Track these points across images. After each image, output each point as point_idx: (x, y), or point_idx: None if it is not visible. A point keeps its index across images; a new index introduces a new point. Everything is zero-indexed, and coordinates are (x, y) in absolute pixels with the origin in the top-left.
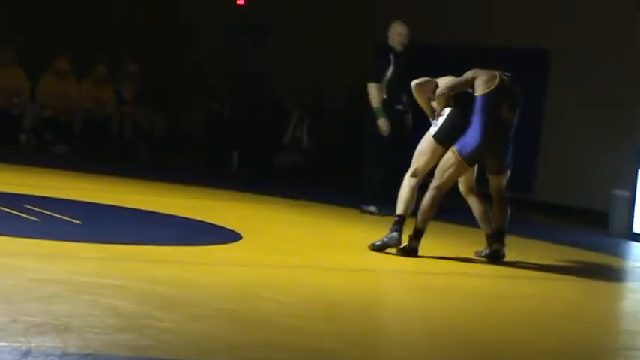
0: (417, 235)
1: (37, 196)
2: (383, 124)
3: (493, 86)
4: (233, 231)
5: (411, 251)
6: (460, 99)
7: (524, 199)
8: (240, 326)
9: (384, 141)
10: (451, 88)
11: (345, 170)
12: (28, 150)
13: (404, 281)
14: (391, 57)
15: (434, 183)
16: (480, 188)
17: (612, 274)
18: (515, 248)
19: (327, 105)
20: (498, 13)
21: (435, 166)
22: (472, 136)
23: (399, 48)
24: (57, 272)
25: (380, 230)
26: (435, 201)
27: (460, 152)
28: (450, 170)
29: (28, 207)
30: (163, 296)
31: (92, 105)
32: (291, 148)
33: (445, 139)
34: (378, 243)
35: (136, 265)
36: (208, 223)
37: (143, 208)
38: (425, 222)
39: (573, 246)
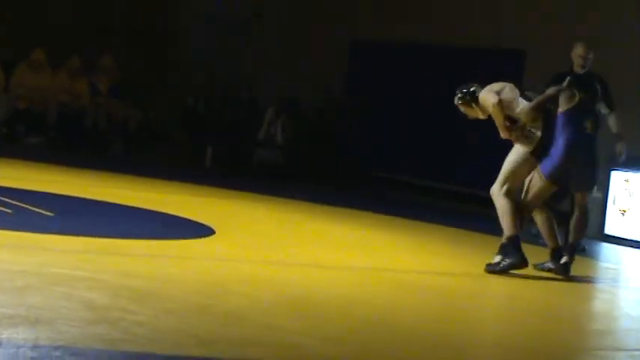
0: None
1: (10, 188)
2: None
3: (575, 102)
4: (206, 226)
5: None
6: (552, 112)
7: None
8: (212, 321)
9: None
10: (542, 103)
11: (320, 168)
12: (1, 141)
13: (377, 278)
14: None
15: (523, 202)
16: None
17: (584, 275)
18: (487, 247)
19: (304, 103)
20: (476, 13)
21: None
22: (555, 154)
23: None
24: (30, 264)
25: (353, 228)
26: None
27: (542, 171)
28: (535, 189)
29: (1, 198)
30: (136, 290)
31: (66, 97)
32: (266, 145)
33: (543, 155)
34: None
35: (109, 259)
36: (182, 218)
37: (117, 202)
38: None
39: (545, 246)
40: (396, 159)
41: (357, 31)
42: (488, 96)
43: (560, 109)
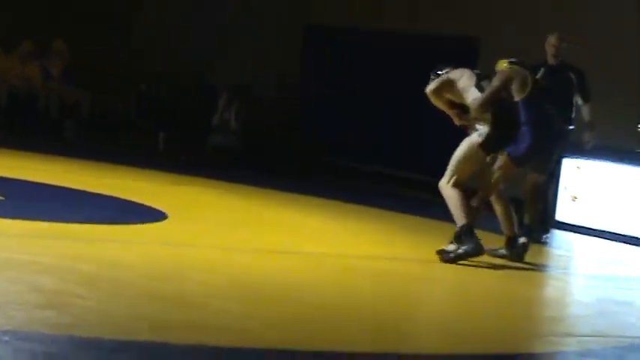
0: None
1: None
2: None
3: (526, 92)
4: (159, 211)
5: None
6: (499, 104)
7: None
8: (163, 306)
9: None
10: (490, 97)
11: (274, 154)
12: None
13: (328, 264)
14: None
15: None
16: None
17: (535, 262)
18: (436, 233)
19: (257, 89)
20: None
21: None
22: (522, 139)
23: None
24: None
25: (306, 214)
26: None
27: (510, 155)
28: (500, 171)
29: None
30: (87, 274)
31: (18, 81)
32: (220, 130)
33: (491, 147)
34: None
35: (60, 243)
36: (134, 203)
37: (69, 186)
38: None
39: (495, 232)
40: (349, 145)
41: (311, 17)
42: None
43: (517, 98)
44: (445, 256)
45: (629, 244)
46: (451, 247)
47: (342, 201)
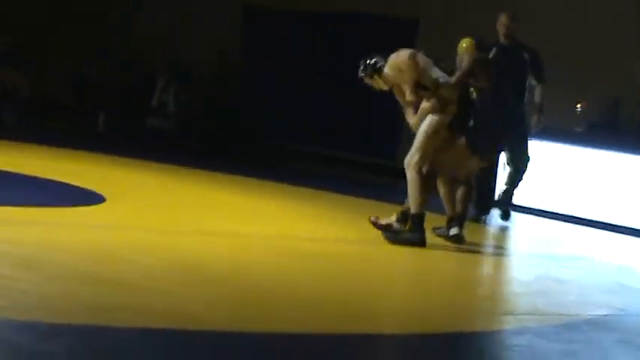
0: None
1: None
2: None
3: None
4: (96, 193)
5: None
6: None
7: (391, 166)
8: (101, 289)
9: None
10: (460, 81)
11: (213, 134)
12: None
13: (269, 246)
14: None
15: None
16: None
17: (475, 241)
18: (386, 215)
19: (196, 69)
20: None
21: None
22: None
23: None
24: None
25: (248, 196)
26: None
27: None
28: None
29: None
30: (22, 257)
31: None
32: (159, 112)
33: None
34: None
35: None
36: (72, 185)
37: (6, 169)
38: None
39: (436, 212)
40: (291, 127)
41: None
42: (401, 52)
43: (482, 84)
44: (388, 235)
45: (569, 222)
46: (396, 225)
47: (282, 182)
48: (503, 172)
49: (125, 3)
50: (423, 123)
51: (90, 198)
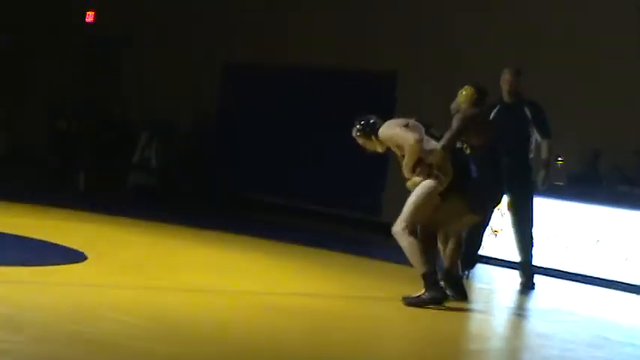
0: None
1: None
2: None
3: (485, 139)
4: (78, 251)
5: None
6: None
7: (372, 221)
8: (83, 348)
9: None
10: (450, 143)
11: (191, 192)
12: None
13: (250, 302)
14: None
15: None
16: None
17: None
18: (362, 270)
19: (175, 127)
20: (346, 36)
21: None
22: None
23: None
24: None
25: (227, 251)
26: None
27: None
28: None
29: None
30: (3, 317)
31: None
32: (140, 169)
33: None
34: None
35: None
36: (52, 243)
37: None
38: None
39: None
40: (268, 181)
41: (230, 55)
42: (405, 134)
43: (476, 142)
44: (407, 300)
45: (551, 276)
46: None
47: (262, 237)
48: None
49: (107, 61)
50: (417, 187)
51: (72, 256)
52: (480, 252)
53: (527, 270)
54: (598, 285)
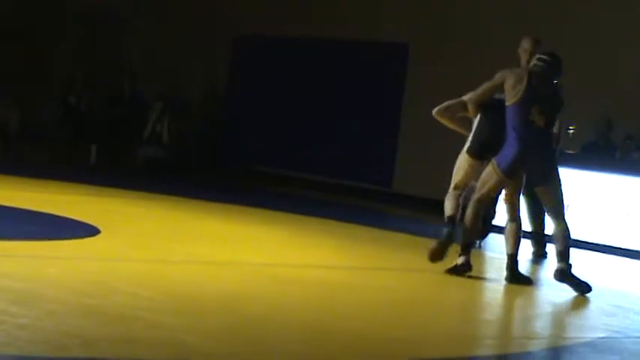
0: (466, 249)
1: None
2: None
3: (520, 94)
4: (91, 225)
5: (465, 266)
6: (488, 106)
7: (385, 192)
8: (97, 321)
9: None
10: (480, 95)
11: (203, 164)
12: None
13: (259, 274)
14: None
15: (475, 195)
16: None
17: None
18: (375, 240)
19: (187, 99)
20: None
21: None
22: (509, 148)
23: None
24: None
25: (237, 223)
26: (476, 213)
27: (498, 165)
28: (490, 183)
29: None
30: (18, 292)
31: None
32: (152, 143)
33: (477, 152)
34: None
35: None
36: (65, 218)
37: None
38: (471, 235)
39: (432, 237)
40: (279, 153)
41: (240, 27)
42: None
43: (507, 103)
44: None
45: None
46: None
47: (271, 209)
48: None
49: (117, 34)
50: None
51: (84, 230)
52: (493, 222)
53: (540, 239)
54: (613, 254)
